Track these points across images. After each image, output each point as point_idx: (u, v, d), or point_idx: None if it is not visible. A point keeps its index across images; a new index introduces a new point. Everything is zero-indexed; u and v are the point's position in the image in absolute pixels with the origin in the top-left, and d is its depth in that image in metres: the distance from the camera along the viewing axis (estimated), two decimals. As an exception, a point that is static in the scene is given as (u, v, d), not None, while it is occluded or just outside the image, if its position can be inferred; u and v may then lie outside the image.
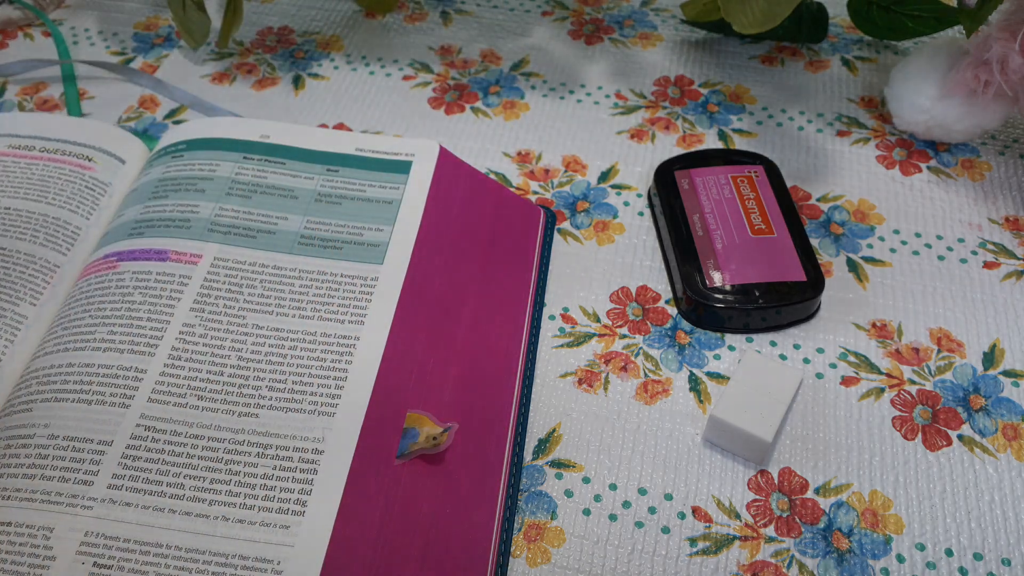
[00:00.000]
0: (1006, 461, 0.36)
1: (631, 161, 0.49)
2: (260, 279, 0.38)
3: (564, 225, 0.45)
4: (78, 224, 0.42)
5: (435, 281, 0.39)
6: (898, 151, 0.49)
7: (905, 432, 0.37)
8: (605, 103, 0.52)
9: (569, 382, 0.39)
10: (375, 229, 0.40)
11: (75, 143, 0.46)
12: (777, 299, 0.40)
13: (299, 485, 0.32)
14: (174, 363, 0.35)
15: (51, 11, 0.60)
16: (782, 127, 0.51)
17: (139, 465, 0.32)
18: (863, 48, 0.56)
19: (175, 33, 0.58)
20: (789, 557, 0.34)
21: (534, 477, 0.36)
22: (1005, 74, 0.43)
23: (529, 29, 0.58)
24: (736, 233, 0.42)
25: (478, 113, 0.52)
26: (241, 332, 0.36)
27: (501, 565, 0.33)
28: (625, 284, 0.43)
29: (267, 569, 0.30)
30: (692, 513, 0.35)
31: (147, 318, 0.36)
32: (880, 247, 0.44)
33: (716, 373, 0.39)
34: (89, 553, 0.30)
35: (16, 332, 0.38)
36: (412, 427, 0.34)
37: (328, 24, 0.58)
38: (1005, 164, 0.48)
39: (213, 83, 0.54)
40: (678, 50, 0.56)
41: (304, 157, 0.43)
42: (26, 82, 0.54)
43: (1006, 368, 0.39)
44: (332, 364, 0.35)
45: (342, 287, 0.38)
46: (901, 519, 0.35)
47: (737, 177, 0.45)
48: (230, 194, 0.41)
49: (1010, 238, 0.45)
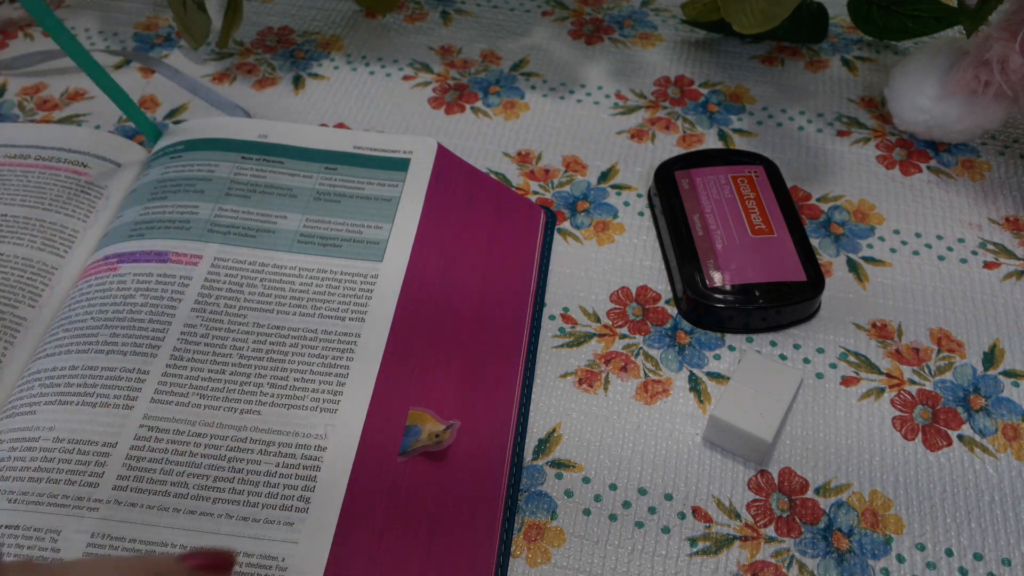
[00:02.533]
0: (1006, 461, 0.36)
1: (631, 161, 0.49)
2: (260, 278, 0.38)
3: (564, 225, 0.46)
4: (75, 227, 0.42)
5: (435, 279, 0.39)
6: (898, 151, 0.49)
7: (905, 432, 0.37)
8: (605, 103, 0.52)
9: (569, 382, 0.39)
10: (374, 227, 0.40)
11: (69, 150, 0.46)
12: (777, 299, 0.40)
13: (302, 482, 0.32)
14: (176, 363, 0.35)
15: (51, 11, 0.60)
16: (782, 127, 0.51)
17: (143, 465, 0.32)
18: (863, 48, 0.56)
19: (175, 33, 0.58)
20: (789, 557, 0.34)
21: (534, 477, 0.36)
22: (1005, 74, 0.43)
23: (529, 29, 0.58)
24: (736, 233, 0.42)
25: (478, 113, 0.52)
26: (242, 331, 0.36)
27: (501, 565, 0.33)
28: (625, 284, 0.43)
29: (272, 566, 0.30)
30: (692, 513, 0.35)
31: (149, 320, 0.36)
32: (880, 247, 0.44)
33: (716, 373, 0.39)
34: (96, 554, 0.30)
35: (16, 334, 0.38)
36: (414, 424, 0.34)
37: (328, 24, 0.58)
38: (1005, 164, 0.48)
39: (213, 83, 0.54)
40: (678, 50, 0.56)
41: (302, 156, 0.43)
42: (28, 80, 0.54)
43: (1006, 368, 0.39)
44: (333, 361, 0.35)
45: (342, 284, 0.38)
46: (901, 519, 0.35)
47: (737, 177, 0.45)
48: (229, 194, 0.41)
49: (1010, 238, 0.45)
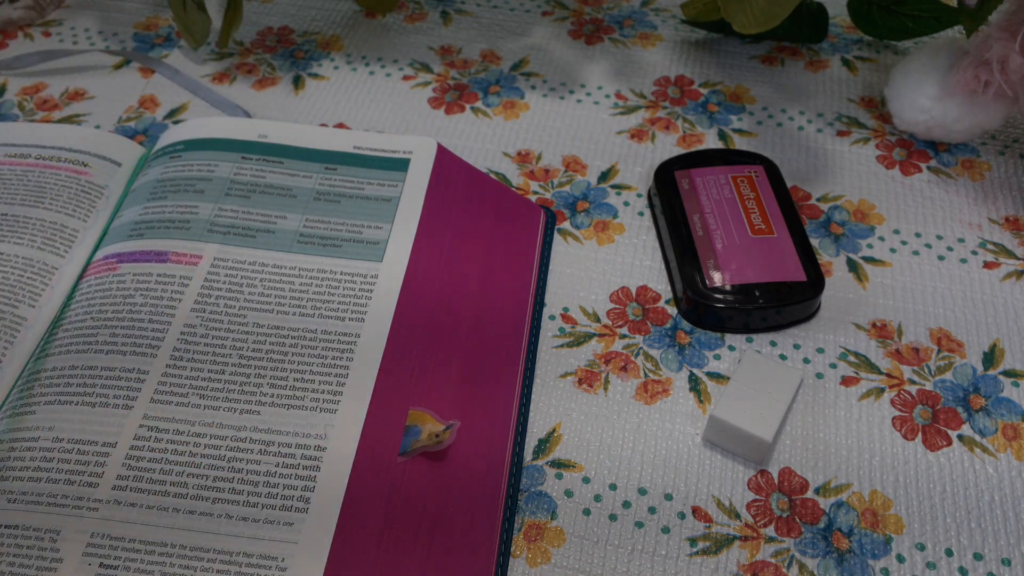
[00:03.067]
0: (1006, 461, 0.36)
1: (631, 161, 0.49)
2: (260, 278, 0.38)
3: (564, 225, 0.46)
4: (75, 227, 0.42)
5: (435, 279, 0.39)
6: (898, 151, 0.49)
7: (905, 432, 0.37)
8: (605, 103, 0.52)
9: (569, 382, 0.39)
10: (374, 227, 0.40)
11: (69, 150, 0.46)
12: (777, 299, 0.40)
13: (302, 482, 0.32)
14: (176, 363, 0.35)
15: (51, 11, 0.60)
16: (782, 127, 0.51)
17: (143, 466, 0.32)
18: (863, 48, 0.56)
19: (175, 33, 0.58)
20: (789, 557, 0.34)
21: (534, 477, 0.36)
22: (1005, 74, 0.43)
23: (529, 29, 0.58)
24: (736, 233, 0.42)
25: (478, 113, 0.52)
26: (242, 331, 0.36)
27: (501, 565, 0.33)
28: (625, 284, 0.43)
29: (271, 566, 0.30)
30: (692, 513, 0.35)
31: (148, 320, 0.36)
32: (880, 247, 0.44)
33: (716, 373, 0.39)
34: (95, 554, 0.30)
35: (16, 334, 0.38)
36: (414, 424, 0.34)
37: (328, 24, 0.58)
38: (1005, 164, 0.48)
39: (213, 83, 0.54)
40: (678, 50, 0.56)
41: (302, 156, 0.43)
42: (28, 80, 0.54)
43: (1006, 368, 0.39)
44: (333, 361, 0.35)
45: (342, 285, 0.38)
46: (901, 519, 0.35)
47: (737, 177, 0.45)
48: (229, 194, 0.41)
49: (1010, 238, 0.45)
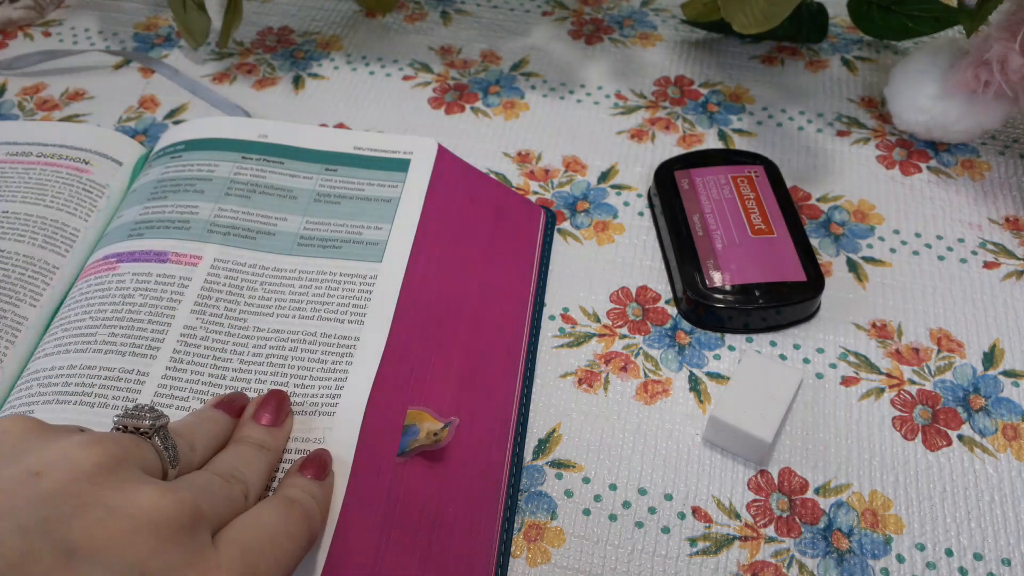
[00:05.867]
0: (1006, 461, 0.36)
1: (631, 161, 0.49)
2: (260, 281, 0.38)
3: (564, 225, 0.45)
4: (76, 226, 0.42)
5: (434, 279, 0.39)
6: (898, 151, 0.49)
7: (905, 432, 0.37)
8: (605, 103, 0.52)
9: (569, 382, 0.39)
10: (374, 228, 0.40)
11: (71, 147, 0.46)
12: (777, 299, 0.40)
13: (300, 485, 0.32)
14: (176, 366, 0.35)
15: (51, 11, 0.60)
16: (782, 127, 0.51)
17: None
18: (863, 48, 0.56)
19: (175, 33, 0.58)
20: (789, 557, 0.34)
21: (534, 477, 0.36)
22: (1005, 74, 0.43)
23: (529, 29, 0.58)
24: (736, 233, 0.42)
25: (478, 113, 0.52)
26: (242, 335, 0.36)
27: (501, 565, 0.33)
28: (625, 284, 0.43)
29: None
30: (692, 513, 0.35)
31: (148, 320, 0.36)
32: (880, 247, 0.44)
33: (716, 373, 0.39)
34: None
35: (17, 333, 0.38)
36: (412, 423, 0.34)
37: (328, 24, 0.58)
38: (1005, 164, 0.48)
39: (213, 83, 0.54)
40: (678, 50, 0.56)
41: (302, 156, 0.43)
42: (28, 80, 0.54)
43: (1006, 368, 0.39)
44: (332, 365, 0.35)
45: (341, 286, 0.38)
46: (901, 519, 0.35)
47: (737, 177, 0.45)
48: (229, 194, 0.41)
49: (1010, 238, 0.45)
